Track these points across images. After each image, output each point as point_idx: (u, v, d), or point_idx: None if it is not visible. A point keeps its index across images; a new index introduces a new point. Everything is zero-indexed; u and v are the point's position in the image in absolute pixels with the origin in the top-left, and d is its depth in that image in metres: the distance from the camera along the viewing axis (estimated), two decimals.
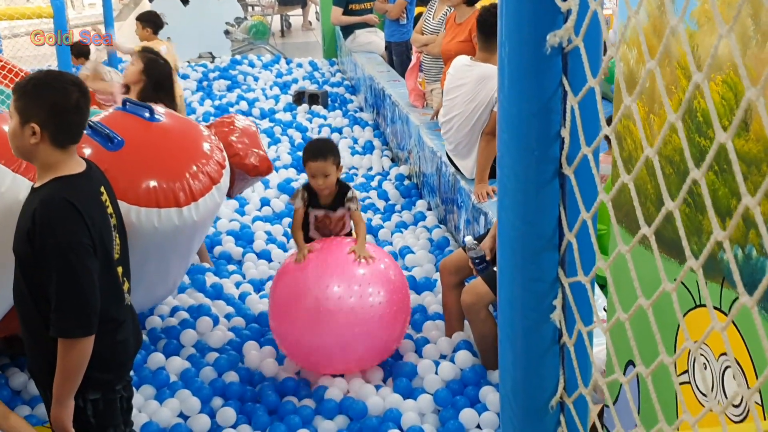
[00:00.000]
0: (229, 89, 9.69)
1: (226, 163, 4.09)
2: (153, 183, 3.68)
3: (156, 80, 4.68)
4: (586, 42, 0.98)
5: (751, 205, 0.73)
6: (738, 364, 1.74)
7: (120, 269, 2.71)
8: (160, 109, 4.10)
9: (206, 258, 5.32)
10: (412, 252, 5.31)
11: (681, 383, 2.01)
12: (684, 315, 1.94)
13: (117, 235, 2.69)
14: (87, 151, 3.64)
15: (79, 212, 2.47)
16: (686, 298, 1.93)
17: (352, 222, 4.09)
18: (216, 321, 4.52)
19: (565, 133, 1.02)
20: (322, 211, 4.06)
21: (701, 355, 1.89)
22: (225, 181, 4.04)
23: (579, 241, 1.04)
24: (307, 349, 3.90)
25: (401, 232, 5.75)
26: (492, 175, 5.00)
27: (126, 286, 2.76)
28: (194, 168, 3.85)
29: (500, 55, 1.07)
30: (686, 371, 1.98)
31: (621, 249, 0.94)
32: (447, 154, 5.38)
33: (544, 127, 1.03)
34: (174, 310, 4.62)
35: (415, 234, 5.67)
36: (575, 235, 1.03)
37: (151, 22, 7.29)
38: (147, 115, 3.95)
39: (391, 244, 5.58)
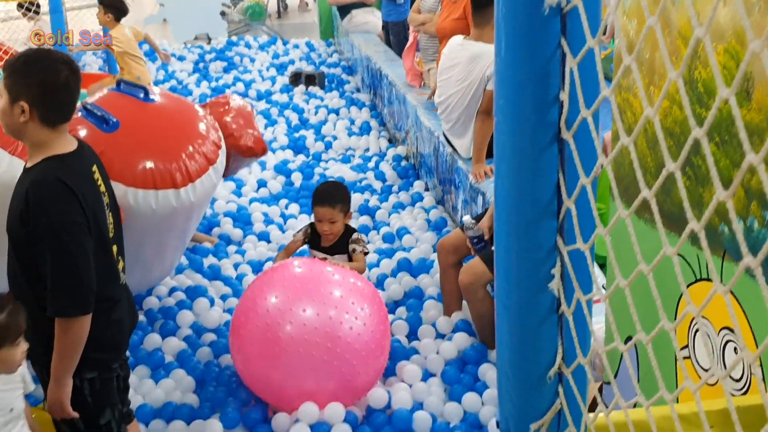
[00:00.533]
0: (226, 71, 9.65)
1: (222, 143, 4.06)
2: (149, 164, 3.65)
3: None
4: (585, 1, 0.95)
5: (756, 162, 0.70)
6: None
7: (114, 248, 2.68)
8: (155, 89, 4.07)
9: (205, 237, 5.28)
10: (410, 232, 5.29)
11: (681, 358, 1.99)
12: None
13: (110, 214, 2.66)
14: (82, 133, 3.61)
15: (73, 192, 2.45)
16: (686, 271, 1.90)
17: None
18: (212, 302, 4.50)
19: (564, 96, 0.99)
20: (321, 254, 3.98)
21: (702, 329, 1.87)
22: (221, 161, 4.01)
23: (578, 207, 1.01)
24: (272, 385, 3.40)
25: (398, 212, 5.73)
26: (489, 154, 4.97)
27: (121, 265, 2.74)
28: (190, 148, 3.82)
29: (497, 17, 1.04)
30: (686, 346, 1.96)
31: (621, 214, 0.91)
32: (444, 134, 5.35)
33: (542, 91, 1.00)
34: (172, 291, 4.61)
35: (413, 214, 5.65)
36: (574, 201, 1.01)
37: (114, 7, 6.97)
38: (142, 95, 3.91)
39: (388, 224, 5.55)
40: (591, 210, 1.02)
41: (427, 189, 6.10)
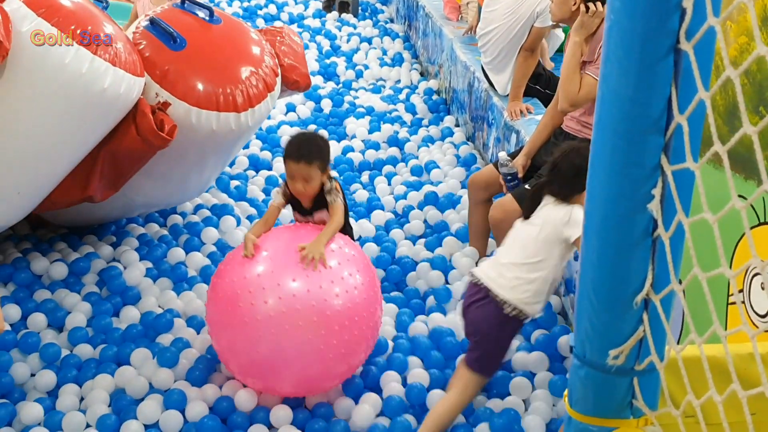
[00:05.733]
0: None
1: (279, 70, 4.01)
2: (214, 86, 3.65)
3: None
4: None
5: None
6: None
7: None
8: (219, 11, 4.01)
9: None
10: (438, 167, 5.23)
11: (732, 303, 1.95)
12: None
13: None
14: (147, 53, 3.59)
15: None
16: (750, 215, 1.85)
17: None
18: (239, 221, 4.48)
19: (688, 3, 0.92)
20: (303, 218, 3.33)
21: (759, 274, 1.82)
22: (278, 88, 3.98)
23: (690, 124, 0.95)
24: (259, 367, 3.01)
25: (428, 146, 5.66)
26: (526, 93, 4.88)
27: None
28: (252, 73, 3.80)
29: None
30: (741, 291, 1.92)
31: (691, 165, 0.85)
32: (482, 68, 5.24)
33: None
34: (197, 208, 4.58)
35: (442, 149, 5.58)
36: (687, 117, 0.95)
37: None
38: (207, 16, 3.87)
39: (416, 158, 5.50)
40: (701, 128, 0.96)
41: (457, 125, 6.01)
